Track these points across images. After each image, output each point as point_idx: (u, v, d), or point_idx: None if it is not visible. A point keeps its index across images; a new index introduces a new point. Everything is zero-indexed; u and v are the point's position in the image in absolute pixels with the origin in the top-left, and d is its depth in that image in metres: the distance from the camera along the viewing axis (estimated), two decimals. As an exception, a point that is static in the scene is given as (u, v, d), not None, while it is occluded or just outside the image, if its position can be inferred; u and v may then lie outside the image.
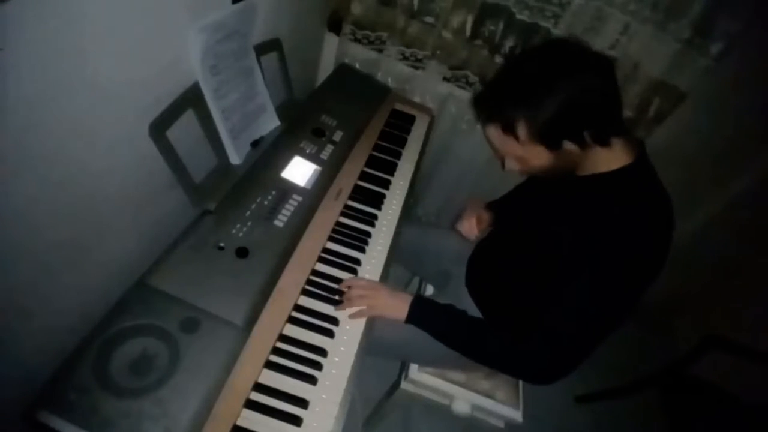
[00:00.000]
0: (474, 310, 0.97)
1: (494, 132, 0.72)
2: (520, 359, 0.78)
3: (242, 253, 0.78)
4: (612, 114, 0.69)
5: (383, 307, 0.85)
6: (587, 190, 0.75)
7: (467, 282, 1.02)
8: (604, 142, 0.70)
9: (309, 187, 0.95)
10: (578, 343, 0.73)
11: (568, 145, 0.69)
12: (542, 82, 0.66)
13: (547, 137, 0.68)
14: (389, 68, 1.51)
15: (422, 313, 0.85)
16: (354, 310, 0.84)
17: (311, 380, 0.73)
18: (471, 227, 1.10)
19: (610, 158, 0.73)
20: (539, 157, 0.71)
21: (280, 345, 0.76)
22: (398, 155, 1.23)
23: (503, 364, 0.82)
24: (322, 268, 0.90)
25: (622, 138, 0.74)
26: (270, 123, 1.02)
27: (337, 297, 0.86)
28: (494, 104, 0.71)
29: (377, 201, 1.07)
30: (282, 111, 1.05)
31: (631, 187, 0.72)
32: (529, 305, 0.84)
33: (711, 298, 1.84)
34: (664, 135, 1.44)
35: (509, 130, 0.69)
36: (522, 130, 0.68)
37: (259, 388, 0.70)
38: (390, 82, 1.53)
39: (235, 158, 0.90)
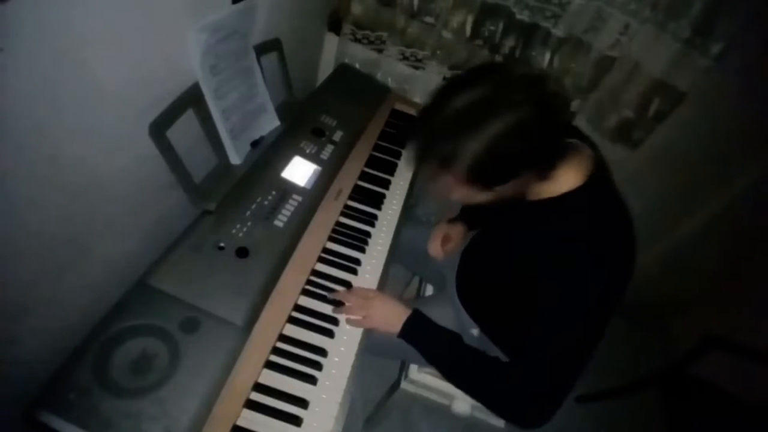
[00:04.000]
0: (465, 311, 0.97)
1: (426, 173, 0.66)
2: (504, 402, 0.74)
3: (242, 253, 0.78)
4: (548, 146, 0.62)
5: (378, 320, 0.84)
6: (540, 218, 0.72)
7: (456, 285, 1.01)
8: (545, 177, 0.66)
9: (309, 187, 0.95)
10: (560, 380, 0.69)
11: (501, 188, 0.64)
12: (467, 124, 0.59)
13: (478, 181, 0.62)
14: (389, 68, 1.51)
15: (415, 332, 0.83)
16: (350, 318, 0.84)
17: (311, 380, 0.73)
18: (437, 249, 1.10)
19: (559, 181, 0.69)
20: (477, 196, 0.66)
21: (280, 345, 0.76)
22: (398, 155, 1.23)
23: (486, 402, 0.77)
24: (322, 268, 0.90)
25: (571, 154, 0.69)
26: (270, 123, 1.02)
27: (330, 302, 0.85)
28: (423, 145, 0.64)
29: (377, 201, 1.07)
30: (282, 111, 1.05)
31: (582, 211, 0.68)
32: (510, 317, 0.83)
33: (711, 298, 1.84)
34: (664, 135, 1.44)
35: (439, 172, 0.63)
36: (450, 175, 0.62)
37: (259, 388, 0.70)
38: (390, 82, 1.52)
39: (235, 158, 0.90)
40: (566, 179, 0.69)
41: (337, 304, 0.85)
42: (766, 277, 1.60)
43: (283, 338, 0.77)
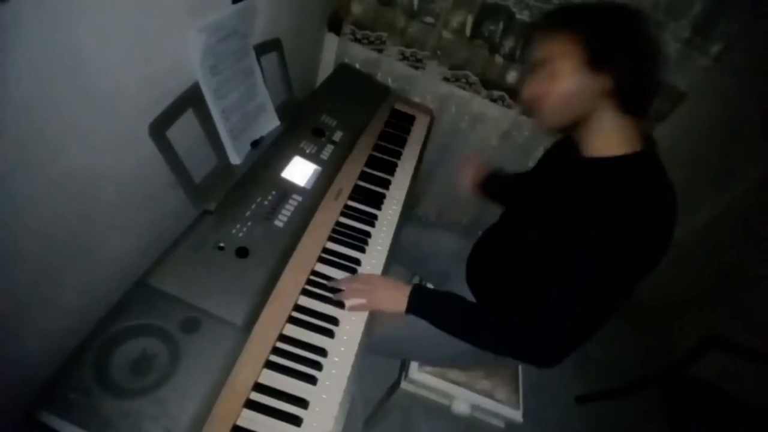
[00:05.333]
0: None
1: (545, 40, 0.74)
2: (521, 340, 0.78)
3: (242, 253, 0.78)
4: (648, 85, 0.72)
5: (382, 300, 0.85)
6: (592, 173, 0.76)
7: (467, 277, 1.02)
8: (628, 104, 0.71)
9: (309, 187, 0.95)
10: (577, 325, 0.74)
11: (601, 80, 0.69)
12: (603, 11, 0.72)
13: (591, 54, 0.69)
14: (389, 68, 1.51)
15: (422, 302, 0.85)
16: (354, 302, 0.84)
17: (311, 380, 0.73)
18: (467, 177, 1.17)
19: (619, 141, 0.73)
20: (565, 83, 0.72)
21: (280, 345, 0.76)
22: (398, 155, 1.23)
23: (504, 345, 0.82)
24: (322, 268, 0.90)
25: (635, 124, 0.74)
26: (270, 123, 1.02)
27: (333, 296, 0.85)
28: (559, 12, 0.76)
29: (377, 201, 1.08)
30: (282, 111, 1.05)
31: (637, 175, 0.72)
32: (528, 295, 0.84)
33: (711, 298, 1.84)
34: (664, 135, 1.44)
35: (560, 37, 0.72)
36: (573, 42, 0.70)
37: (259, 388, 0.70)
38: (390, 82, 1.53)
39: (235, 158, 0.90)
40: (626, 141, 0.73)
41: (337, 291, 0.85)
42: (766, 277, 1.60)
43: (283, 338, 0.77)
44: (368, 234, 0.99)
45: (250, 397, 0.68)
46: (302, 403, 0.70)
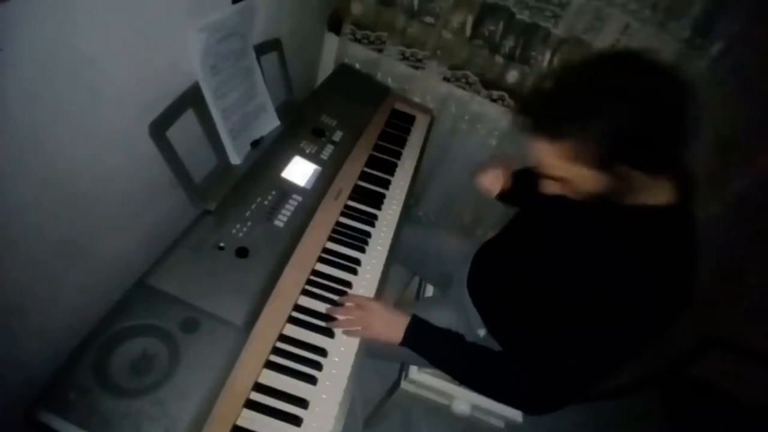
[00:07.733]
0: (474, 312, 0.97)
1: (541, 146, 0.64)
2: (513, 389, 0.77)
3: (242, 253, 0.78)
4: (671, 142, 0.61)
5: (378, 330, 0.82)
6: (618, 220, 0.69)
7: (468, 283, 1.01)
8: (654, 173, 0.64)
9: (309, 187, 0.95)
10: (573, 383, 0.72)
11: (621, 168, 0.61)
12: (598, 102, 0.59)
13: (598, 160, 0.60)
14: (389, 68, 1.51)
15: (417, 338, 0.83)
16: (351, 329, 0.82)
17: (311, 380, 0.73)
18: (494, 182, 1.07)
19: (654, 190, 0.67)
20: (587, 180, 0.63)
21: (280, 345, 0.76)
22: (398, 155, 1.23)
23: (496, 395, 0.81)
24: (322, 268, 0.90)
25: (668, 178, 0.68)
26: (270, 123, 1.02)
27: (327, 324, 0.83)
28: (545, 116, 0.63)
29: (377, 201, 1.07)
30: (282, 111, 1.05)
31: (665, 230, 0.67)
32: (528, 315, 0.83)
33: (711, 298, 1.84)
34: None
35: (557, 146, 0.62)
36: (572, 150, 0.61)
37: (259, 388, 0.70)
38: (390, 82, 1.53)
39: (235, 158, 0.90)
40: (662, 190, 0.67)
41: (333, 318, 0.83)
42: (766, 277, 1.60)
43: (283, 338, 0.77)
44: (368, 234, 0.99)
45: (250, 397, 0.68)
46: (302, 403, 0.70)
